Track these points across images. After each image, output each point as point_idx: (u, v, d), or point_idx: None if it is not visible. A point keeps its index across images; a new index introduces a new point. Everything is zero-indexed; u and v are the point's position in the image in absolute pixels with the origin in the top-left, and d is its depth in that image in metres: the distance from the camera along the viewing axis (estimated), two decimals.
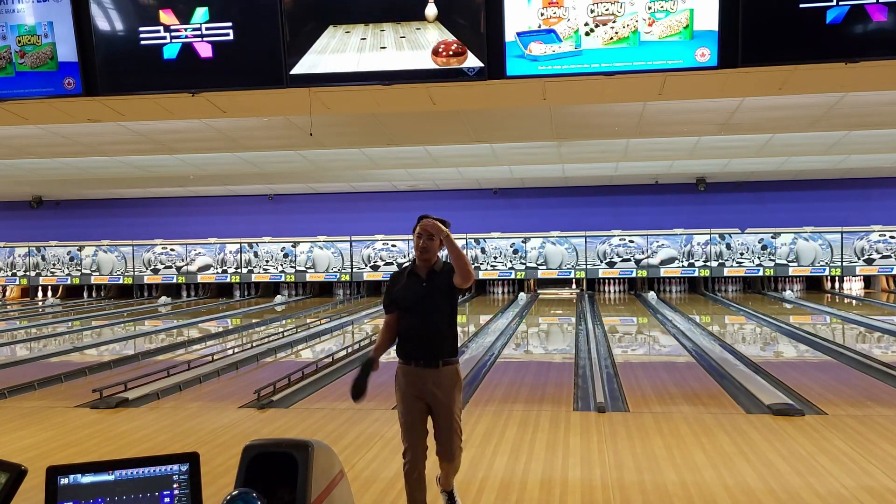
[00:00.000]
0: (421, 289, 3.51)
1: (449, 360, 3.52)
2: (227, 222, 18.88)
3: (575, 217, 17.76)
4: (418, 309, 3.51)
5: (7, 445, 5.14)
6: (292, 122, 8.65)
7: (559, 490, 4.08)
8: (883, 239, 16.81)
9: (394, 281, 3.63)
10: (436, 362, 3.47)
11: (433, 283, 3.51)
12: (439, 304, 3.51)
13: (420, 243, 3.49)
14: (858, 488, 3.99)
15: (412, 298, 3.51)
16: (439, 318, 3.52)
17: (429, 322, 3.49)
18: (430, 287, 3.51)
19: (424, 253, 3.49)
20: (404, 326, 3.53)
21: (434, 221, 3.51)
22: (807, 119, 9.09)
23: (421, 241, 3.49)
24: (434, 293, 3.50)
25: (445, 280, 3.52)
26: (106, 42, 5.52)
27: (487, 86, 5.50)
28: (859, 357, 8.14)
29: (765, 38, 4.97)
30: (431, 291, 3.50)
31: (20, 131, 8.82)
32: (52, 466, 1.84)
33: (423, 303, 3.50)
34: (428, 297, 3.50)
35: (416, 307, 3.51)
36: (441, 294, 3.51)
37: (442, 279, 3.53)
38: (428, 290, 3.50)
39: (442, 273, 3.54)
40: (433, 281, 3.52)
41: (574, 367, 8.01)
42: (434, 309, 3.50)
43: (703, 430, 5.23)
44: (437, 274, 3.54)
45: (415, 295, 3.51)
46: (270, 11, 5.30)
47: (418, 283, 3.52)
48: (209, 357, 8.69)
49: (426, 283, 3.51)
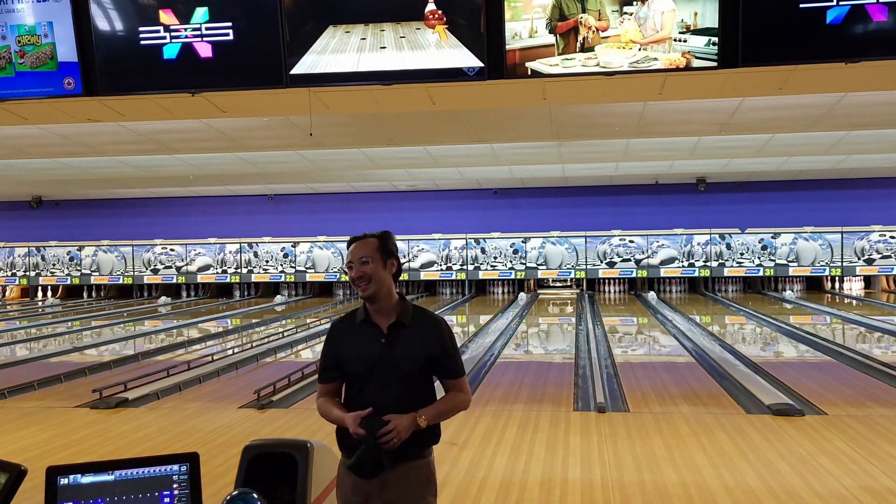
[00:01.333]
0: (378, 347, 2.44)
1: (417, 454, 2.43)
2: (227, 222, 18.88)
3: (575, 217, 17.75)
4: (373, 378, 2.42)
5: (7, 445, 5.13)
6: (292, 122, 8.64)
7: (559, 490, 4.07)
8: (883, 239, 16.80)
9: (337, 333, 2.55)
10: (397, 460, 2.34)
11: (399, 341, 2.45)
12: (406, 373, 2.43)
13: (353, 275, 2.48)
14: (858, 488, 3.99)
15: (365, 361, 2.43)
16: (405, 393, 2.42)
17: (388, 398, 2.38)
18: (394, 346, 2.44)
19: (366, 289, 2.45)
20: (351, 404, 2.44)
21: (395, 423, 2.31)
22: (807, 119, 9.09)
23: (353, 273, 2.47)
24: (400, 357, 2.43)
25: (420, 339, 2.47)
26: (106, 42, 5.51)
27: (487, 86, 5.50)
28: (859, 357, 8.13)
29: (765, 38, 4.97)
30: (396, 354, 2.43)
31: (20, 131, 8.82)
32: (51, 466, 1.83)
33: (382, 369, 2.42)
34: (390, 361, 2.42)
35: (371, 375, 2.43)
36: (411, 359, 2.44)
37: (414, 337, 2.46)
38: (389, 350, 2.43)
39: (415, 326, 2.49)
40: (399, 337, 2.45)
41: (574, 367, 8.00)
42: (397, 379, 2.42)
43: (704, 430, 5.22)
44: (405, 328, 2.47)
45: (369, 356, 2.44)
46: (270, 11, 5.30)
47: (374, 338, 2.45)
48: (209, 357, 8.69)
49: (387, 340, 2.44)
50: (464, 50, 5.18)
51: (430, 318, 2.58)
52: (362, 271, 2.47)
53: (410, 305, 2.56)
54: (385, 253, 2.53)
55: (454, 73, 5.26)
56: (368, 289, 2.47)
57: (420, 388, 2.47)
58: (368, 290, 2.47)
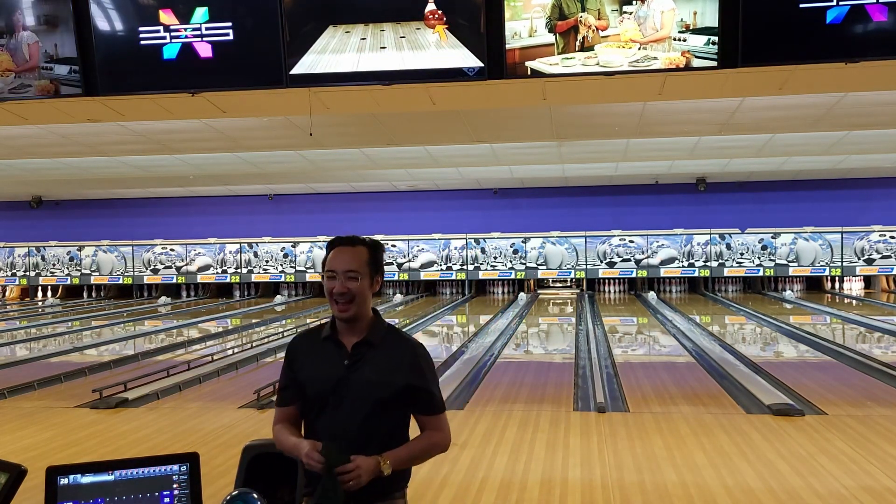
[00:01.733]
0: (340, 368, 2.14)
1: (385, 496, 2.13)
2: (227, 222, 18.88)
3: (575, 217, 17.75)
4: (332, 404, 2.13)
5: (7, 445, 5.13)
6: (292, 122, 8.64)
7: (559, 490, 4.07)
8: (883, 239, 16.80)
9: (297, 349, 2.26)
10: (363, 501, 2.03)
11: (364, 364, 2.14)
12: (371, 402, 2.11)
13: (333, 288, 2.15)
14: (858, 488, 3.99)
15: (324, 384, 2.14)
16: (368, 426, 2.11)
17: (348, 430, 2.09)
18: (358, 368, 2.14)
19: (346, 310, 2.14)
20: (307, 433, 2.18)
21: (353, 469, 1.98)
22: (807, 119, 9.09)
23: (335, 286, 2.14)
24: (364, 382, 2.12)
25: (389, 364, 2.15)
26: (106, 42, 5.51)
27: (487, 86, 5.49)
28: (859, 357, 8.14)
29: (765, 38, 4.97)
30: (360, 378, 2.12)
31: (20, 131, 8.82)
32: (51, 466, 1.83)
33: (342, 394, 2.12)
34: (352, 386, 2.12)
35: (330, 401, 2.13)
36: (376, 385, 2.12)
37: (382, 360, 2.15)
38: (352, 373, 2.13)
39: (385, 347, 2.17)
40: (364, 359, 2.15)
41: (574, 367, 8.01)
42: (359, 408, 2.11)
43: (703, 431, 5.22)
44: (373, 349, 2.16)
45: (329, 378, 2.14)
46: (270, 11, 5.30)
47: (337, 358, 2.16)
48: (209, 357, 8.69)
49: (350, 361, 2.15)
50: (464, 50, 5.17)
51: (405, 341, 2.24)
52: (348, 287, 2.13)
53: (385, 324, 2.24)
54: (375, 267, 2.20)
55: (454, 73, 5.26)
56: (349, 310, 2.13)
57: (387, 422, 2.13)
58: (349, 312, 2.13)
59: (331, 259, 2.19)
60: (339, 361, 2.16)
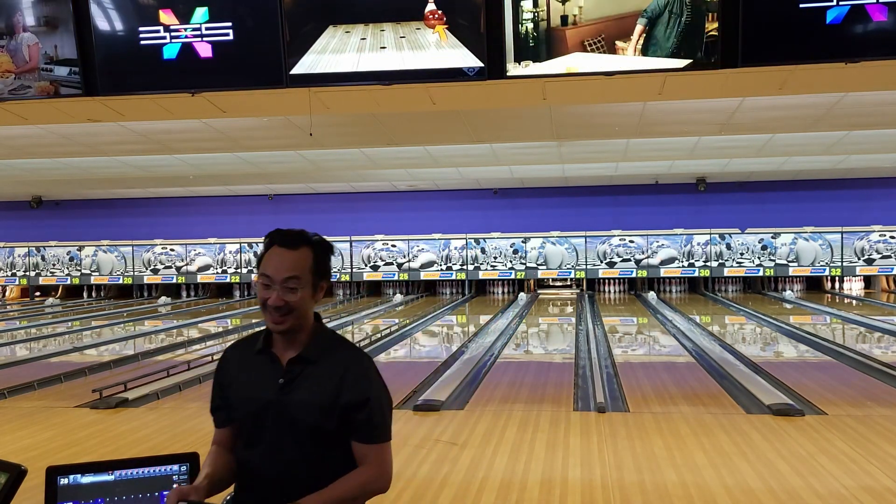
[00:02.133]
0: (273, 388, 1.85)
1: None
2: (227, 222, 18.87)
3: (575, 217, 17.75)
4: (263, 431, 1.85)
5: (7, 445, 5.13)
6: (292, 122, 8.64)
7: (559, 490, 4.07)
8: (883, 239, 16.80)
9: (228, 363, 1.98)
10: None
11: (299, 383, 1.84)
12: (305, 429, 1.82)
13: (268, 299, 1.84)
14: (858, 488, 3.99)
15: (254, 405, 1.86)
16: (305, 459, 1.83)
17: (278, 463, 1.83)
18: (293, 388, 1.84)
19: (283, 322, 1.84)
20: (239, 461, 1.91)
21: None
22: (807, 119, 9.09)
23: (270, 296, 1.83)
24: (298, 405, 1.82)
25: (329, 382, 1.83)
26: (106, 42, 5.51)
27: (487, 86, 5.50)
28: (859, 357, 8.14)
29: (765, 38, 4.97)
30: (294, 400, 1.83)
31: (20, 131, 8.82)
32: (51, 466, 1.84)
33: (274, 419, 1.83)
34: (284, 409, 1.83)
35: (261, 427, 1.85)
36: (311, 408, 1.82)
37: (321, 378, 1.84)
38: (286, 394, 1.84)
39: (325, 363, 1.86)
40: (300, 377, 1.85)
41: (574, 367, 8.00)
42: (293, 436, 1.82)
43: (703, 431, 5.22)
44: (311, 366, 1.86)
45: (259, 399, 1.85)
46: (270, 11, 5.30)
47: (271, 376, 1.86)
48: (209, 357, 8.68)
49: (286, 379, 1.85)
50: (464, 50, 5.18)
51: (349, 353, 1.92)
52: (285, 300, 1.81)
53: (328, 334, 1.93)
54: (320, 273, 1.89)
55: (454, 73, 5.26)
56: (285, 322, 1.83)
57: (331, 455, 1.82)
58: (285, 324, 1.83)
59: (267, 262, 1.86)
60: (272, 380, 1.84)
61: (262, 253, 1.91)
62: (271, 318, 1.85)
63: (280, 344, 1.90)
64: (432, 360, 8.89)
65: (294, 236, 1.91)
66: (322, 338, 1.93)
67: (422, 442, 5.02)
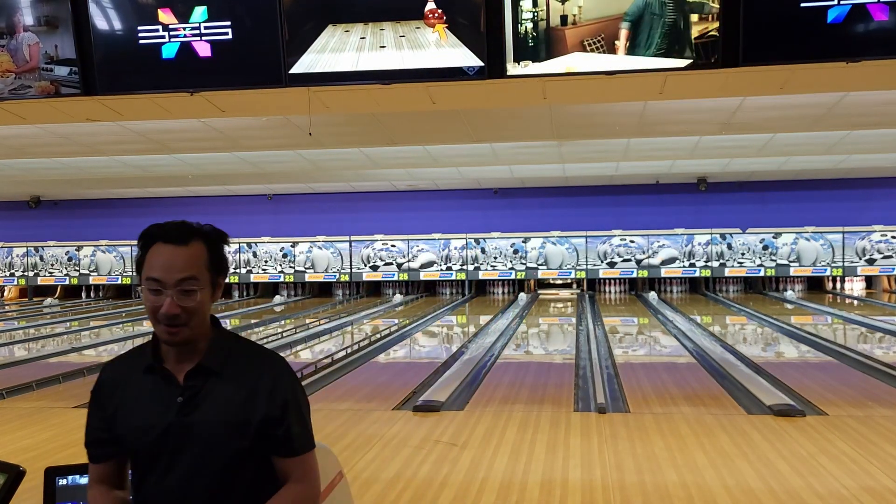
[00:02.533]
0: (172, 410, 1.60)
1: None
2: (226, 222, 18.39)
3: (575, 217, 17.74)
4: (164, 460, 1.60)
5: (5, 446, 5.12)
6: (291, 121, 8.63)
7: (559, 491, 4.06)
8: (884, 239, 16.78)
9: (109, 385, 1.68)
10: None
11: (203, 399, 1.61)
12: (216, 453, 1.60)
13: (160, 307, 1.58)
14: (859, 489, 3.97)
15: (151, 433, 1.60)
16: (220, 486, 1.61)
17: (189, 495, 1.60)
18: (196, 407, 1.61)
19: (178, 334, 1.60)
20: (137, 500, 1.66)
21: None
22: (808, 119, 9.08)
23: (162, 304, 1.58)
24: (205, 425, 1.59)
25: (238, 394, 1.62)
26: (104, 41, 5.50)
27: (487, 85, 5.48)
28: (860, 357, 8.12)
29: (766, 38, 4.95)
30: (198, 420, 1.59)
31: (19, 131, 8.80)
32: (50, 467, 1.83)
33: (177, 445, 1.59)
34: (188, 432, 1.59)
35: (161, 456, 1.60)
36: (228, 429, 1.60)
37: (228, 392, 1.62)
38: (187, 414, 1.60)
39: (231, 372, 1.63)
40: (203, 392, 1.62)
41: (574, 367, 7.99)
42: (202, 462, 1.59)
43: (704, 431, 5.21)
44: (214, 378, 1.62)
45: (157, 424, 1.59)
46: (269, 10, 5.28)
47: (167, 396, 1.62)
48: None
49: (185, 397, 1.61)
50: (464, 49, 5.16)
51: (258, 358, 1.69)
52: (182, 306, 1.56)
53: (228, 337, 1.69)
54: (217, 268, 1.64)
55: (454, 72, 5.24)
56: (182, 332, 1.58)
57: (247, 477, 1.62)
58: (182, 335, 1.58)
59: (152, 263, 1.58)
60: (169, 400, 1.59)
61: (142, 254, 1.62)
62: (165, 330, 1.59)
63: (173, 357, 1.63)
64: (432, 361, 8.88)
65: (181, 229, 1.63)
66: (222, 343, 1.66)
67: (422, 442, 5.00)
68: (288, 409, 1.66)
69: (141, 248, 1.63)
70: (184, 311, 1.57)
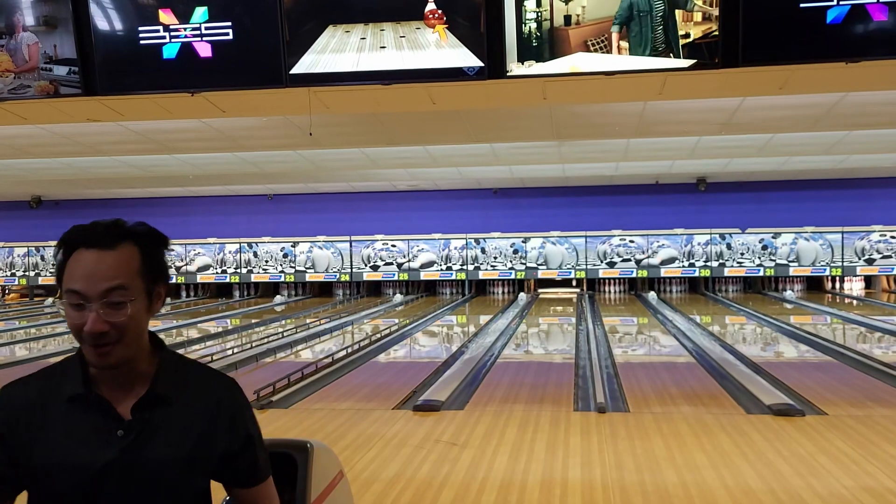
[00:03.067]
0: (112, 446, 1.35)
1: None
2: (227, 222, 18.87)
3: (575, 217, 17.74)
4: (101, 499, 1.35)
5: None
6: (292, 121, 8.64)
7: (559, 490, 4.07)
8: (884, 239, 16.79)
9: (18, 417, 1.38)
10: None
11: (153, 432, 1.38)
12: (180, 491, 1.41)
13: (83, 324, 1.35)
14: (859, 489, 3.98)
15: (85, 473, 1.34)
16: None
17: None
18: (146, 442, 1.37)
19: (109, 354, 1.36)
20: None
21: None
22: (807, 119, 9.09)
23: (86, 320, 1.34)
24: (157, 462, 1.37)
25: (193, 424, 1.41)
26: (105, 41, 5.51)
27: (487, 85, 5.49)
28: (860, 357, 8.12)
29: (765, 38, 4.96)
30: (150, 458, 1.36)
31: (20, 131, 8.81)
32: None
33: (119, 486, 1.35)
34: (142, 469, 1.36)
35: (96, 494, 1.35)
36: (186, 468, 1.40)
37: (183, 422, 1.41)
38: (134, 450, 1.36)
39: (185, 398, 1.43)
40: (152, 425, 1.38)
41: (574, 367, 8.00)
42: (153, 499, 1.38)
43: (704, 431, 5.21)
44: (166, 407, 1.40)
45: (93, 463, 1.34)
46: (270, 11, 5.29)
47: (104, 430, 1.36)
48: (208, 357, 8.68)
49: (131, 432, 1.37)
50: (464, 50, 5.17)
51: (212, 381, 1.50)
52: (110, 322, 1.32)
53: (175, 359, 1.48)
54: (154, 275, 1.40)
55: (454, 72, 5.25)
56: (113, 353, 1.34)
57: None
58: (113, 356, 1.34)
59: (72, 273, 1.35)
60: (106, 434, 1.33)
61: (62, 262, 1.39)
62: (93, 351, 1.34)
63: (107, 383, 1.37)
64: (432, 360, 8.89)
65: (107, 231, 1.40)
66: (173, 366, 1.45)
67: (422, 442, 5.01)
68: (252, 439, 1.50)
69: (61, 254, 1.40)
70: (112, 327, 1.33)
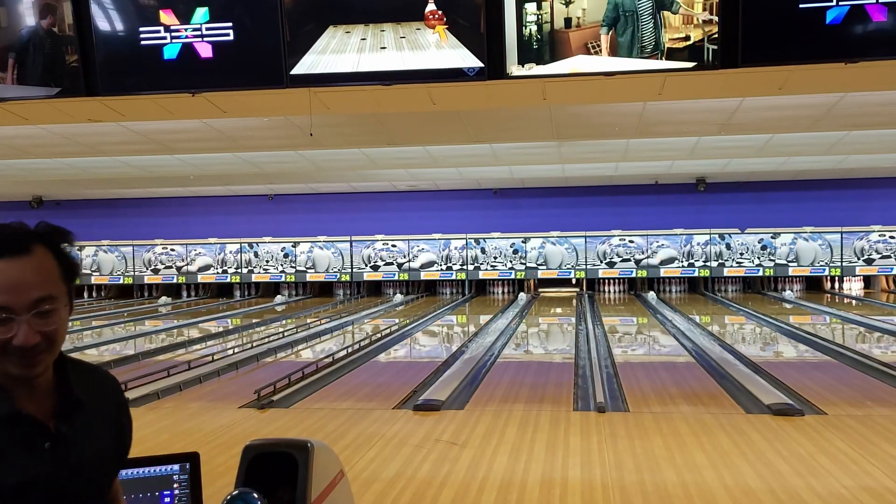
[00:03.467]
0: (42, 460, 1.27)
1: None
2: (228, 222, 18.88)
3: (575, 217, 17.75)
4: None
5: None
6: (292, 122, 8.65)
7: (559, 490, 4.08)
8: (882, 239, 16.80)
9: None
10: None
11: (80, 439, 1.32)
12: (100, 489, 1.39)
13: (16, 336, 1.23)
14: (858, 488, 3.99)
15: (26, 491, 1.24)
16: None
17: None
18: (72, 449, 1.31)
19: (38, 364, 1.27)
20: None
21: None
22: (807, 119, 9.09)
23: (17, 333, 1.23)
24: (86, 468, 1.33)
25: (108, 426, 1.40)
26: (106, 42, 5.52)
27: (487, 86, 5.50)
28: (859, 357, 8.13)
29: (765, 38, 4.97)
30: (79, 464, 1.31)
31: (20, 131, 8.82)
32: None
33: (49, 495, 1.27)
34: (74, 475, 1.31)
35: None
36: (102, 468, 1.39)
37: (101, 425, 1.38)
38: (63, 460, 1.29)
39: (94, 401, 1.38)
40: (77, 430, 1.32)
41: (574, 367, 8.01)
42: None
43: (703, 430, 5.23)
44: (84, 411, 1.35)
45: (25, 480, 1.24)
46: (271, 11, 5.30)
47: (30, 444, 1.27)
48: (209, 357, 8.69)
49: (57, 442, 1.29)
50: (464, 50, 5.18)
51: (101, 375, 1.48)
52: (43, 332, 1.26)
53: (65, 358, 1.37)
54: (71, 275, 1.36)
55: (454, 73, 5.26)
56: (41, 363, 1.28)
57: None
58: (40, 367, 1.28)
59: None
60: (32, 447, 1.27)
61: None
62: (21, 364, 1.25)
63: (25, 395, 1.28)
64: (432, 360, 8.90)
65: (16, 236, 1.28)
66: (72, 368, 1.37)
67: (422, 442, 5.02)
68: (131, 429, 1.52)
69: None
70: (44, 337, 1.26)
